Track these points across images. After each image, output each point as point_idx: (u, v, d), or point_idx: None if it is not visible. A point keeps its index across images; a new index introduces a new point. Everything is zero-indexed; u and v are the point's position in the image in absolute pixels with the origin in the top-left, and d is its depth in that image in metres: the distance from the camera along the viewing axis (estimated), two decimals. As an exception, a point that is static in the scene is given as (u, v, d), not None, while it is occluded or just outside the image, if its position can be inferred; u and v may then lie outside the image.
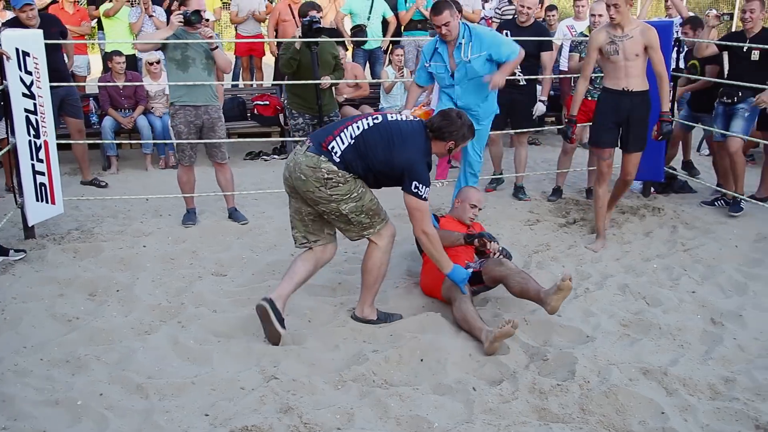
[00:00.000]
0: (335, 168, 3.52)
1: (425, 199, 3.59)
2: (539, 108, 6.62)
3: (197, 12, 5.09)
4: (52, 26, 6.19)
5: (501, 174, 6.67)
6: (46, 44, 5.16)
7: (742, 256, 4.94)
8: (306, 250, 3.85)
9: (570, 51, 6.37)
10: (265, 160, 8.02)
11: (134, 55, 8.50)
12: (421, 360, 3.47)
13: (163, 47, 5.29)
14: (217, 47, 5.29)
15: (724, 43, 6.06)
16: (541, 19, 9.29)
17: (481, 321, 3.69)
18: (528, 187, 6.48)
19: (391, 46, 8.72)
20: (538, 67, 6.36)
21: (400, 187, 3.64)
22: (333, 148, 3.54)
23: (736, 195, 5.78)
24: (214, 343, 3.66)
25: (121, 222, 5.57)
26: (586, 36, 6.20)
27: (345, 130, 3.61)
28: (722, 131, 5.81)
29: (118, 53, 7.25)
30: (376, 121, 3.66)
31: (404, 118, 3.77)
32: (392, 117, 3.72)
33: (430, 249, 3.73)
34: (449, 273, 3.80)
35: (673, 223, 5.63)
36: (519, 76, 6.14)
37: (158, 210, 5.91)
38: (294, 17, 8.71)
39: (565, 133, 5.28)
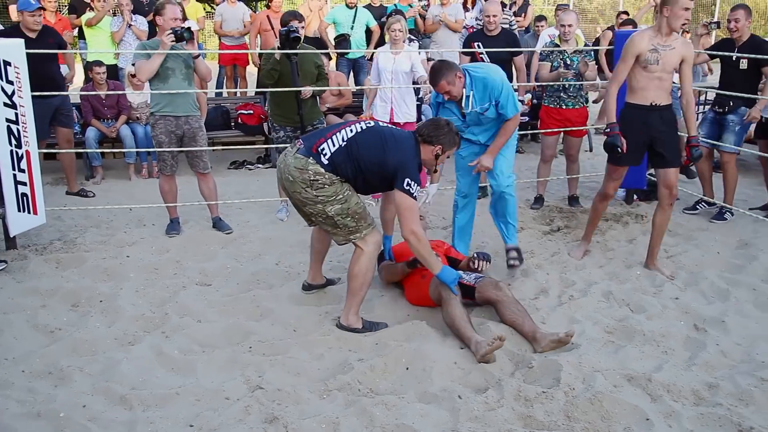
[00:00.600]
0: (322, 170, 3.62)
1: (415, 198, 3.68)
2: (521, 108, 6.67)
3: (189, 29, 5.19)
4: (50, 37, 6.28)
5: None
6: (43, 54, 5.30)
7: (724, 262, 4.99)
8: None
9: (541, 60, 6.38)
10: (250, 170, 8.00)
11: (116, 64, 8.47)
12: (407, 368, 3.47)
13: None
14: (199, 56, 5.32)
15: (712, 52, 6.15)
16: (524, 29, 9.39)
17: (471, 328, 3.69)
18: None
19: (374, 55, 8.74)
20: (512, 72, 6.45)
21: (390, 189, 3.75)
22: (323, 150, 3.65)
23: (724, 205, 5.85)
24: (198, 353, 3.64)
25: (105, 232, 5.53)
26: (558, 45, 6.23)
27: (338, 133, 3.72)
28: (705, 139, 5.88)
29: (99, 63, 7.21)
30: (368, 125, 3.80)
31: (393, 126, 3.88)
32: (383, 124, 3.88)
33: (418, 249, 3.73)
34: (439, 274, 3.81)
35: (655, 230, 5.66)
36: None
37: (142, 220, 5.87)
38: (273, 28, 8.73)
39: (612, 144, 4.57)
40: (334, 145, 3.66)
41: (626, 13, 10.46)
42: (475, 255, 4.29)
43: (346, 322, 3.88)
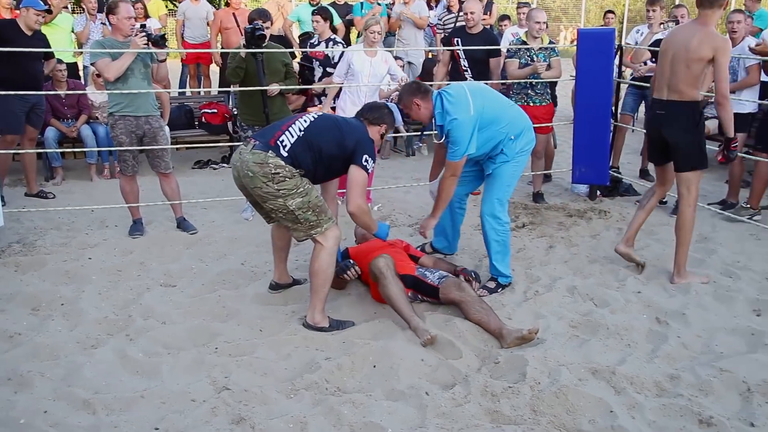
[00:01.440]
0: (282, 162, 3.65)
1: (368, 174, 3.84)
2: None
3: (164, 36, 5.21)
4: (40, 38, 6.36)
5: None
6: (31, 53, 5.78)
7: (684, 256, 5.07)
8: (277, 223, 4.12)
9: (508, 57, 6.43)
10: (214, 169, 7.93)
11: (75, 63, 8.32)
12: (374, 366, 3.47)
13: None
14: (165, 60, 5.30)
15: (653, 48, 6.25)
16: (489, 26, 9.45)
17: (409, 307, 3.89)
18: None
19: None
20: (489, 73, 6.47)
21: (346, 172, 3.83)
22: (282, 141, 3.70)
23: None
24: (163, 356, 3.60)
25: (65, 234, 5.44)
26: (526, 43, 6.28)
27: (293, 125, 3.80)
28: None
29: (59, 61, 7.09)
30: (318, 114, 3.96)
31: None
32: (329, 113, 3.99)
33: (364, 218, 3.90)
34: (376, 233, 4.12)
35: (618, 225, 5.76)
36: (470, 80, 6.22)
37: (104, 221, 5.78)
38: (238, 25, 8.67)
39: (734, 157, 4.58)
40: (292, 137, 3.72)
41: (612, 12, 10.57)
42: (464, 270, 4.42)
43: (312, 321, 3.87)
